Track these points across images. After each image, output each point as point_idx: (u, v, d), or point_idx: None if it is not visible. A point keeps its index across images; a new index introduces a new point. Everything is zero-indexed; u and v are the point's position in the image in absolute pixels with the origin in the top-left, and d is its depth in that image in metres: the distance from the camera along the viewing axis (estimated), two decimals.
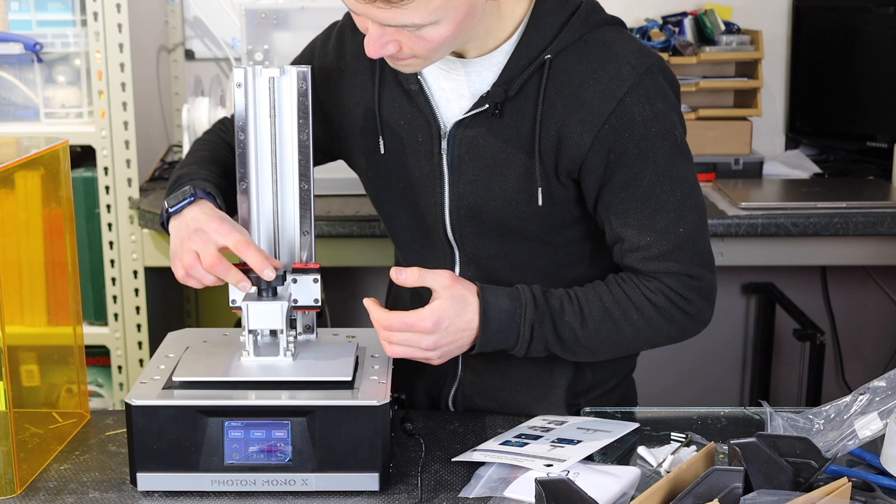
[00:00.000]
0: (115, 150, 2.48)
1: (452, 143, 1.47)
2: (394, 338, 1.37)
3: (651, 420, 1.52)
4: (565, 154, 1.42)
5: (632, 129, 1.40)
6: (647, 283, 1.45)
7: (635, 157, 1.41)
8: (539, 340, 1.43)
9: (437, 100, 1.48)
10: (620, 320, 1.44)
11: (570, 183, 1.45)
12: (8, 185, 1.38)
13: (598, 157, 1.41)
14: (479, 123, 1.45)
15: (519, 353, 1.44)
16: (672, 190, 1.43)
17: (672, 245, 1.44)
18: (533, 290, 1.44)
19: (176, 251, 1.40)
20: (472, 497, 1.30)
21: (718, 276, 1.50)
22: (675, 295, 1.44)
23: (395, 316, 1.36)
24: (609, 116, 1.39)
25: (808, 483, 1.21)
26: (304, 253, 1.48)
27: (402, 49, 1.34)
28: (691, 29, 2.86)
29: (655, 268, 1.44)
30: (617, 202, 1.43)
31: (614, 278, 1.47)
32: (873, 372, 2.65)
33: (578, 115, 1.40)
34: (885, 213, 2.42)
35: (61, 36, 2.48)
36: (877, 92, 2.87)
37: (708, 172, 2.75)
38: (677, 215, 1.43)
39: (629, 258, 1.46)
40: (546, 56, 1.42)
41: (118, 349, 2.58)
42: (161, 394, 1.32)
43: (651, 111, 1.41)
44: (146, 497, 1.31)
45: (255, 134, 1.45)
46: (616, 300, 1.45)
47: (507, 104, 1.43)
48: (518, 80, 1.43)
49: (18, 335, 1.41)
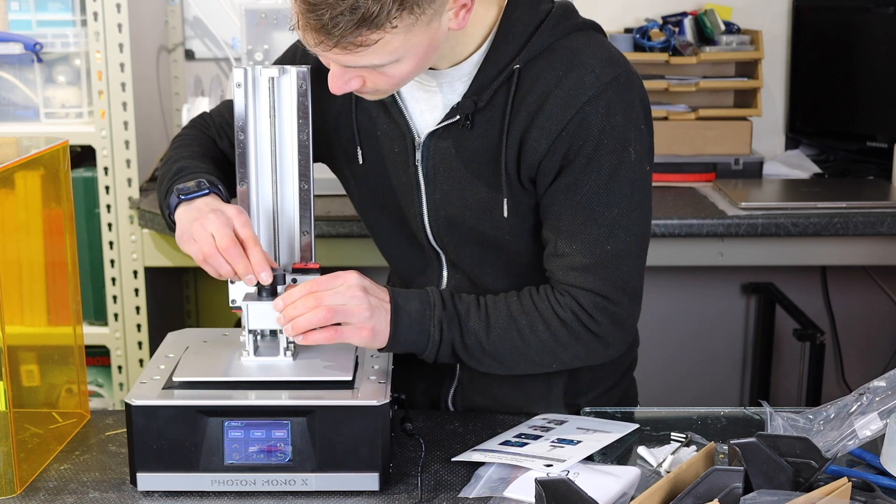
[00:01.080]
0: (115, 150, 2.48)
1: (427, 154, 1.47)
2: (298, 304, 1.32)
3: (651, 420, 1.52)
4: (525, 160, 1.42)
5: (586, 136, 1.39)
6: (559, 298, 1.43)
7: (582, 165, 1.40)
8: (447, 343, 1.41)
9: (411, 111, 1.49)
10: (526, 331, 1.42)
11: (531, 188, 1.45)
12: (8, 185, 1.38)
13: (551, 162, 1.41)
14: (451, 134, 1.45)
15: (429, 357, 1.42)
16: (609, 205, 1.41)
17: (595, 260, 1.41)
18: (442, 292, 1.43)
19: (188, 230, 1.38)
20: (472, 497, 1.30)
21: (719, 277, 1.50)
22: (583, 314, 1.42)
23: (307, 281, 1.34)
24: (567, 124, 1.39)
25: (808, 483, 1.21)
26: (304, 253, 1.48)
27: (365, 84, 1.35)
28: (691, 29, 2.86)
29: (573, 280, 1.42)
30: (555, 204, 1.43)
31: (528, 290, 1.46)
32: (873, 372, 2.65)
33: (539, 121, 1.40)
34: (885, 213, 2.42)
35: (61, 36, 2.48)
36: (877, 92, 2.87)
37: (708, 172, 2.75)
38: (609, 231, 1.41)
39: (551, 263, 1.44)
40: (515, 66, 1.41)
41: (118, 349, 2.58)
42: (161, 394, 1.32)
43: (608, 123, 1.39)
44: (146, 497, 1.31)
45: (255, 134, 1.45)
46: (524, 310, 1.43)
47: (476, 115, 1.43)
48: (488, 90, 1.42)
49: (18, 335, 1.41)
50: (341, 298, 1.33)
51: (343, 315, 1.33)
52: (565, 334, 1.43)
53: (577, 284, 1.42)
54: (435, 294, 1.42)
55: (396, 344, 1.39)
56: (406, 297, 1.40)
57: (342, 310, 1.33)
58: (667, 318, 3.18)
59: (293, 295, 1.33)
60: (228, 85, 2.66)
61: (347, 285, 1.34)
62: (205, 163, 1.54)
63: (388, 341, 1.38)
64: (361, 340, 1.36)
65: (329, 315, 1.32)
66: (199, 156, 1.56)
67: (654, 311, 3.18)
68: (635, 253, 1.44)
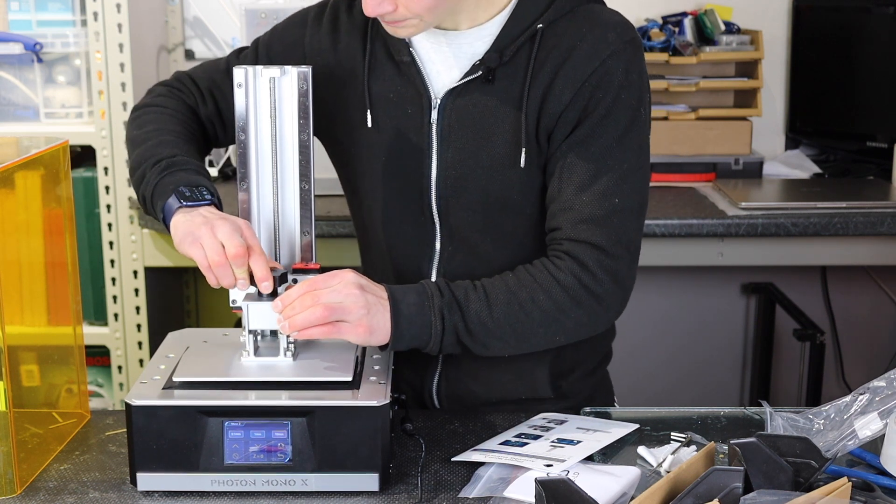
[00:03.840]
0: (115, 150, 2.48)
1: (443, 113, 1.50)
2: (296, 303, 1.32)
3: (651, 420, 1.52)
4: (546, 111, 1.46)
5: (607, 89, 1.45)
6: (557, 263, 1.45)
7: (600, 118, 1.45)
8: (450, 331, 1.41)
9: (428, 71, 1.52)
10: (528, 304, 1.43)
11: (545, 145, 1.49)
12: (8, 185, 1.38)
13: (572, 113, 1.46)
14: (471, 91, 1.49)
15: (433, 349, 1.42)
16: (620, 160, 1.46)
17: (603, 212, 1.44)
18: (437, 282, 1.43)
19: (193, 233, 1.36)
20: (472, 497, 1.30)
21: (719, 277, 1.51)
22: (584, 272, 1.43)
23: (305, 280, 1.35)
24: (591, 75, 1.45)
25: (808, 483, 1.21)
26: (304, 253, 1.48)
27: (398, 9, 1.39)
28: (691, 29, 2.86)
29: (578, 233, 1.44)
30: (569, 156, 1.46)
31: (522, 266, 1.47)
32: (873, 372, 2.65)
33: (563, 73, 1.46)
34: (885, 213, 2.42)
35: (61, 36, 2.49)
36: (877, 92, 2.87)
37: (708, 172, 2.75)
38: (617, 185, 1.45)
39: (559, 218, 1.47)
40: (538, 26, 1.47)
41: (118, 349, 2.58)
42: (161, 394, 1.32)
43: (626, 79, 1.46)
44: (146, 497, 1.31)
45: (256, 134, 1.46)
46: (522, 284, 1.44)
47: (498, 70, 1.48)
48: (511, 47, 1.47)
49: (18, 335, 1.40)
50: (338, 296, 1.33)
51: (340, 313, 1.33)
52: (567, 300, 1.43)
53: (583, 238, 1.44)
54: (430, 285, 1.42)
55: (399, 339, 1.38)
56: (402, 291, 1.40)
57: (339, 307, 1.33)
58: (667, 318, 3.18)
59: (291, 295, 1.34)
60: None
61: (344, 283, 1.35)
62: (190, 146, 1.52)
63: (390, 338, 1.38)
64: (359, 338, 1.36)
65: (326, 313, 1.32)
66: (185, 138, 1.53)
67: (654, 311, 3.19)
68: (637, 211, 1.48)
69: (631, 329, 3.19)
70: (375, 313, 1.36)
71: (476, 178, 1.50)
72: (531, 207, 1.52)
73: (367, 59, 1.54)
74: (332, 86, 1.57)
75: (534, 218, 1.52)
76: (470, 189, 1.51)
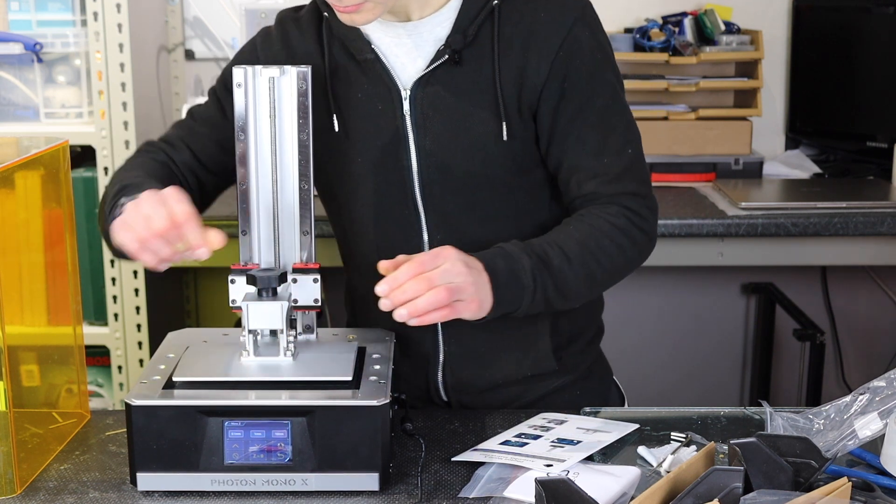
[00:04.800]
0: (115, 150, 2.48)
1: (415, 103, 1.51)
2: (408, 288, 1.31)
3: (651, 420, 1.52)
4: (526, 86, 1.49)
5: (581, 56, 1.50)
6: (608, 209, 1.51)
7: (587, 84, 1.51)
8: (541, 290, 1.44)
9: (392, 65, 1.53)
10: (597, 251, 1.48)
11: (529, 119, 1.52)
12: (8, 185, 1.38)
13: (554, 84, 1.49)
14: (439, 78, 1.50)
15: (522, 311, 1.44)
16: (620, 113, 1.54)
17: (625, 165, 1.52)
18: (515, 244, 1.45)
19: (125, 220, 1.33)
20: (472, 497, 1.30)
21: (718, 277, 1.52)
22: (633, 214, 1.51)
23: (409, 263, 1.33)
24: (562, 44, 1.49)
25: (808, 483, 1.21)
26: (304, 253, 1.48)
27: None
28: (691, 29, 2.86)
29: (614, 189, 1.52)
30: (574, 129, 1.51)
31: (575, 217, 1.52)
32: (873, 372, 2.66)
33: (534, 46, 1.49)
34: (885, 213, 2.42)
35: (61, 36, 2.48)
36: (877, 92, 2.87)
37: (708, 172, 2.75)
38: (625, 138, 1.53)
39: (589, 185, 1.52)
40: (494, 2, 1.50)
41: (118, 349, 2.58)
42: (161, 394, 1.32)
43: (595, 41, 1.52)
44: (146, 497, 1.31)
45: (255, 134, 1.46)
46: (588, 233, 1.49)
47: (464, 51, 1.50)
48: (472, 27, 1.49)
49: (18, 335, 1.40)
50: (450, 276, 1.34)
51: (458, 293, 1.34)
52: (626, 241, 1.50)
53: (621, 191, 1.52)
54: (510, 248, 1.44)
55: (498, 307, 1.41)
56: (492, 258, 1.42)
57: (456, 288, 1.34)
58: (667, 319, 3.18)
59: (398, 278, 1.32)
60: None
61: (452, 261, 1.35)
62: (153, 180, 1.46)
63: (491, 307, 1.40)
64: (471, 313, 1.38)
65: (448, 295, 1.32)
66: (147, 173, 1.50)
67: (654, 311, 3.19)
68: (641, 148, 1.57)
69: (631, 329, 3.19)
70: (481, 287, 1.38)
71: (457, 160, 1.52)
72: (514, 180, 1.54)
73: (326, 64, 1.54)
74: None
75: (517, 190, 1.55)
76: (453, 172, 1.52)
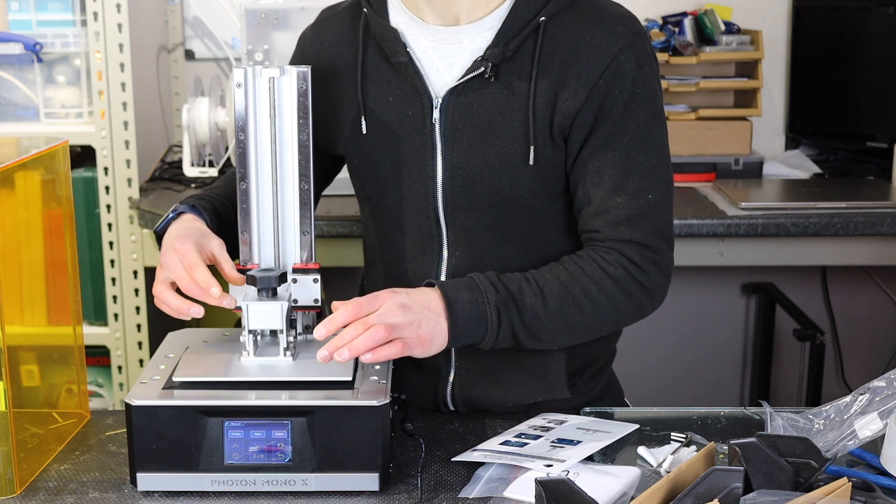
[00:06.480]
0: (115, 150, 2.48)
1: (446, 112, 1.48)
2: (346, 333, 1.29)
3: (651, 420, 1.52)
4: (560, 110, 1.44)
5: (622, 86, 1.44)
6: (605, 256, 1.45)
7: (620, 116, 1.44)
8: (506, 326, 1.41)
9: (427, 71, 1.50)
10: (581, 297, 1.44)
11: (561, 143, 1.47)
12: (8, 185, 1.38)
13: (589, 112, 1.44)
14: (473, 89, 1.47)
15: (488, 345, 1.41)
16: (648, 154, 1.46)
17: (639, 210, 1.46)
18: (488, 276, 1.42)
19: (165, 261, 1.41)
20: (472, 497, 1.30)
21: (719, 276, 1.51)
22: (633, 266, 1.45)
23: (345, 305, 1.31)
24: (604, 72, 1.43)
25: (808, 483, 1.21)
26: (304, 253, 1.48)
27: None
28: (691, 29, 2.86)
29: (619, 234, 1.46)
30: (595, 159, 1.46)
31: (569, 257, 1.47)
32: (873, 372, 2.65)
33: (574, 70, 1.44)
34: (885, 213, 2.42)
35: (61, 36, 2.48)
36: (877, 92, 2.87)
37: (708, 172, 2.75)
38: (649, 181, 1.46)
39: (596, 221, 1.47)
40: (541, 18, 1.45)
41: (118, 349, 2.58)
42: (161, 394, 1.32)
43: (640, 73, 1.45)
44: (146, 497, 1.31)
45: (255, 134, 1.46)
46: (574, 277, 1.44)
47: (501, 67, 1.45)
48: (514, 42, 1.45)
49: (18, 335, 1.40)
50: (385, 319, 1.31)
51: (396, 330, 1.32)
52: (618, 292, 1.45)
53: (625, 238, 1.46)
54: (481, 279, 1.41)
55: (457, 338, 1.38)
56: (454, 288, 1.39)
57: (394, 326, 1.31)
58: (667, 318, 3.18)
59: (336, 320, 1.31)
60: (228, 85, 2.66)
61: (388, 304, 1.33)
62: (210, 190, 1.58)
63: (448, 338, 1.37)
64: (423, 351, 1.35)
65: (387, 332, 1.30)
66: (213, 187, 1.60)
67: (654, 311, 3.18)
68: (669, 201, 1.50)
69: (631, 329, 3.18)
70: (425, 324, 1.34)
71: (484, 177, 1.48)
72: (541, 205, 1.50)
73: (359, 66, 1.52)
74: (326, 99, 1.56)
75: (543, 216, 1.51)
76: (478, 188, 1.49)
